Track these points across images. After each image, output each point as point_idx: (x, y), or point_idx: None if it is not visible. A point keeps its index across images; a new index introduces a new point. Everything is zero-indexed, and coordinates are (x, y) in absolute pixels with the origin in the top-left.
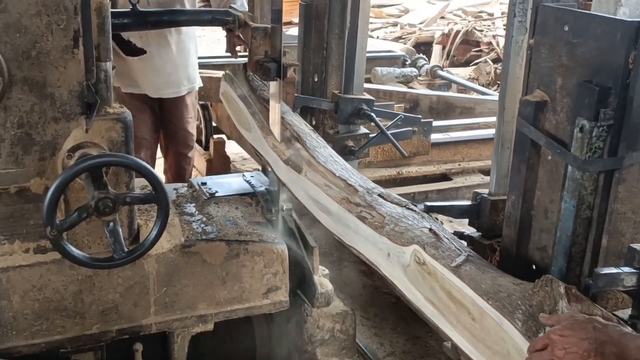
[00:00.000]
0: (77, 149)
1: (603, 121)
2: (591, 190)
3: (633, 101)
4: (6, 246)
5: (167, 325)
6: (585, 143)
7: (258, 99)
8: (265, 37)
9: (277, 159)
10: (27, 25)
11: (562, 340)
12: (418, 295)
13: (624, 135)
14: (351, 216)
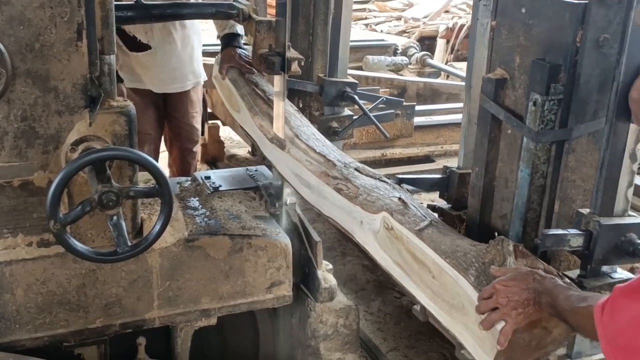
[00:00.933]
0: (80, 142)
1: (554, 95)
2: (544, 160)
3: (580, 77)
4: (9, 239)
5: (171, 319)
6: (538, 116)
7: (247, 82)
8: (269, 31)
9: (263, 137)
10: (31, 17)
11: (505, 290)
12: (387, 258)
13: (573, 109)
14: (328, 188)
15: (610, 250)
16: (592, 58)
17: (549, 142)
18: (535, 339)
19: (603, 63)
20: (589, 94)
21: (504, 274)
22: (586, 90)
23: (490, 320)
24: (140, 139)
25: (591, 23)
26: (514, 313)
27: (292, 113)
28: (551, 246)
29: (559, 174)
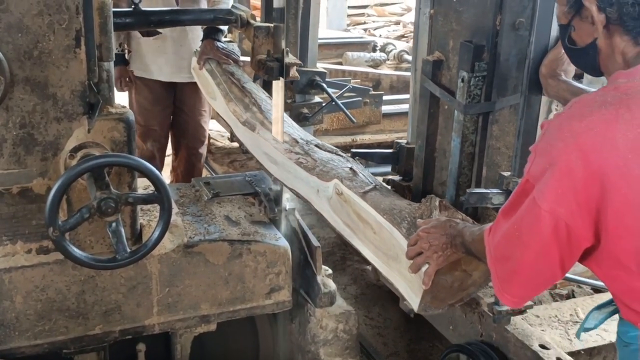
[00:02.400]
0: (79, 149)
1: (478, 72)
2: (472, 130)
3: (500, 56)
4: (9, 247)
5: (170, 325)
6: (466, 91)
7: (223, 72)
8: (267, 36)
9: (236, 121)
10: (29, 25)
11: (427, 236)
12: (338, 220)
13: (495, 84)
14: (291, 163)
15: None
16: (510, 39)
17: (475, 114)
18: (457, 281)
19: (519, 43)
20: (508, 71)
21: (426, 224)
22: (506, 67)
23: (416, 263)
24: (144, 132)
25: (508, 9)
26: (435, 256)
27: (263, 99)
28: (475, 203)
29: (485, 142)
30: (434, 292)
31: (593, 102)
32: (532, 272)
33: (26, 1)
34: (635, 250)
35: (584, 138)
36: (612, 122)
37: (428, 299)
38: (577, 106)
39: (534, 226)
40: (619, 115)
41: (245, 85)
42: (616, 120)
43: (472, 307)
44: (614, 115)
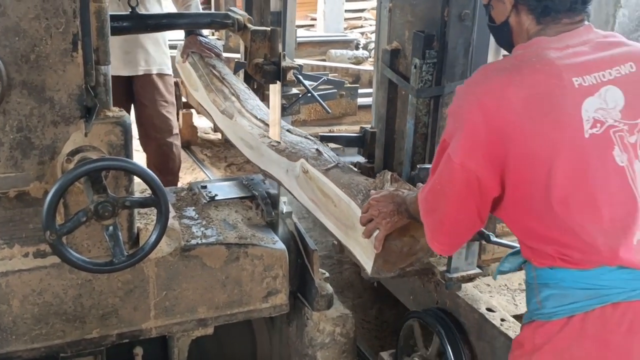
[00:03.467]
0: (76, 152)
1: (429, 59)
2: (425, 112)
3: (448, 44)
4: (6, 250)
5: (167, 329)
6: (418, 76)
7: (206, 65)
8: (264, 40)
9: (216, 109)
10: (26, 28)
11: (377, 204)
12: (304, 196)
13: (444, 70)
14: (264, 146)
15: None
16: (457, 29)
17: (427, 97)
18: (406, 246)
19: (465, 33)
20: (455, 58)
21: (378, 194)
22: (453, 55)
23: (368, 229)
24: None
25: (454, 1)
26: (384, 222)
27: (242, 90)
28: (424, 177)
29: (437, 123)
30: (385, 256)
31: (494, 68)
32: (454, 222)
33: (23, 5)
34: (529, 196)
35: (485, 100)
36: (507, 85)
37: (380, 263)
38: (480, 72)
39: (450, 179)
40: (513, 79)
41: (225, 77)
42: (510, 83)
43: (429, 277)
44: (509, 79)
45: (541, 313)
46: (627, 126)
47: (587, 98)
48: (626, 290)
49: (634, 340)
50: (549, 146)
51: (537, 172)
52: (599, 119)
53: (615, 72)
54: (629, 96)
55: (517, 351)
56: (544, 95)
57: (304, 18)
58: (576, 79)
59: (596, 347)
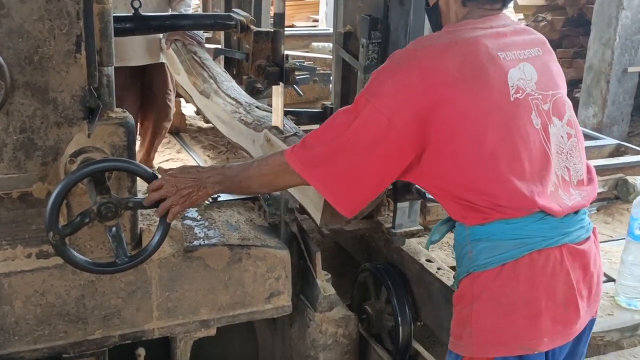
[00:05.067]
0: (79, 153)
1: (374, 40)
2: None
3: (391, 26)
4: (8, 251)
5: (170, 330)
6: (365, 55)
7: (187, 51)
8: (267, 42)
9: (195, 90)
10: (30, 30)
11: (174, 180)
12: None
13: (388, 49)
14: (235, 121)
15: None
16: (397, 12)
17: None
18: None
19: (405, 16)
20: (397, 38)
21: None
22: (395, 35)
23: (163, 207)
24: None
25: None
26: (181, 200)
27: (219, 73)
28: None
29: None
30: (332, 209)
31: (430, 38)
32: (358, 178)
33: (27, 6)
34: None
35: (423, 60)
36: (444, 50)
37: (328, 215)
38: (418, 41)
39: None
40: (449, 46)
41: (205, 62)
42: (447, 49)
43: (379, 235)
44: (445, 46)
45: (476, 265)
46: (541, 96)
47: (510, 69)
48: (546, 239)
49: (557, 281)
50: (480, 105)
51: (469, 128)
52: (521, 87)
53: (527, 53)
54: (540, 72)
55: (458, 305)
56: (475, 62)
57: (306, 20)
58: (500, 53)
59: (528, 289)
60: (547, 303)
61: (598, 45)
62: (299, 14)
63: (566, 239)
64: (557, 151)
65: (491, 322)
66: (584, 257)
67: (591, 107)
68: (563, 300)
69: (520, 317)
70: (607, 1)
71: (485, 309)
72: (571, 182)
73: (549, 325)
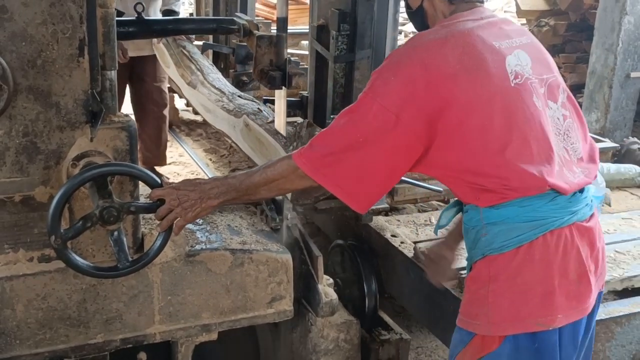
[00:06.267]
0: (81, 157)
1: (343, 32)
2: (342, 75)
3: (358, 19)
4: (10, 255)
5: (171, 334)
6: (335, 46)
7: (177, 45)
8: (270, 46)
9: (183, 82)
10: (33, 34)
11: (176, 193)
12: (246, 145)
13: (356, 41)
14: (218, 109)
15: None
16: (364, 7)
17: (342, 62)
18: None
19: (371, 10)
20: (364, 31)
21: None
22: (362, 28)
23: (169, 219)
24: None
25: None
26: (184, 212)
27: (206, 66)
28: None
29: (352, 84)
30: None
31: (427, 34)
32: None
33: (30, 10)
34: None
35: (424, 56)
36: (442, 44)
37: (298, 192)
38: (416, 37)
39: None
40: (447, 40)
41: (193, 56)
42: (446, 42)
43: (350, 213)
44: (443, 40)
45: (492, 248)
46: (537, 80)
47: (507, 56)
48: (557, 218)
49: (569, 259)
50: (483, 94)
51: (474, 118)
52: (519, 72)
53: (518, 41)
54: (533, 58)
55: (473, 286)
56: (474, 53)
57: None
58: (495, 42)
59: (542, 269)
60: (561, 281)
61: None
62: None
63: (574, 218)
64: (555, 133)
65: (508, 302)
66: (591, 234)
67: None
68: (575, 277)
69: (535, 295)
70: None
71: (502, 289)
72: (572, 160)
73: (563, 302)
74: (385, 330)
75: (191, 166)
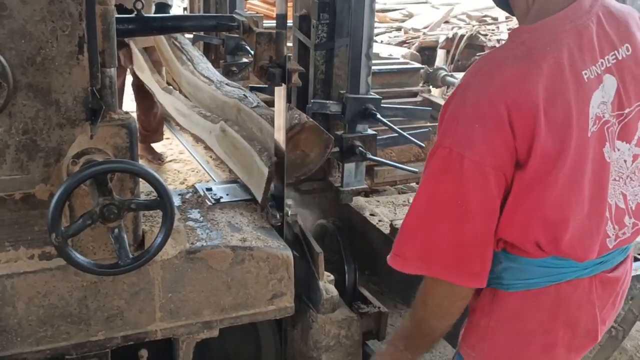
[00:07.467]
0: (81, 155)
1: (323, 20)
2: (322, 62)
3: (336, 9)
4: (11, 252)
5: (172, 331)
6: (315, 34)
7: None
8: (269, 43)
9: (158, 87)
10: (32, 31)
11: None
12: (221, 150)
13: (335, 29)
14: (194, 114)
15: (357, 114)
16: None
17: (323, 50)
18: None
19: (348, 0)
20: (342, 20)
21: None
22: (341, 17)
23: None
24: None
25: None
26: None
27: (196, 56)
28: (317, 110)
29: (332, 70)
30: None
31: (505, 57)
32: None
33: (29, 8)
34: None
35: (507, 91)
36: (526, 75)
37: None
38: (491, 63)
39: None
40: (531, 70)
41: (184, 47)
42: (529, 73)
43: (334, 195)
44: (527, 70)
45: (500, 283)
46: (614, 120)
47: (594, 92)
48: (578, 270)
49: (581, 313)
50: (558, 144)
51: (543, 169)
52: (599, 114)
53: (612, 58)
54: (621, 84)
55: (474, 315)
56: (558, 90)
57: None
58: (585, 71)
59: (548, 319)
60: (566, 334)
61: None
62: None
63: (600, 268)
64: (616, 178)
65: (505, 345)
66: (615, 283)
67: None
68: (584, 332)
69: (535, 345)
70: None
71: (501, 329)
72: (628, 208)
73: (562, 354)
74: (364, 304)
75: (191, 163)
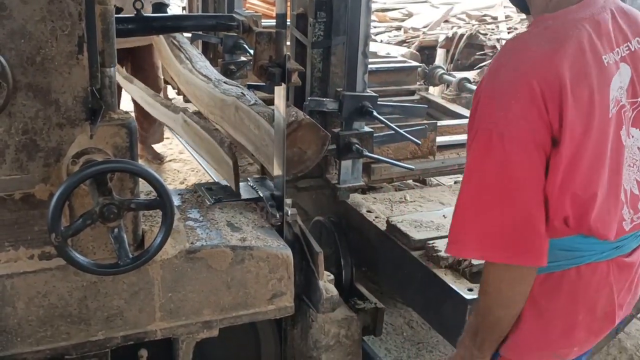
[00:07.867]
0: (81, 155)
1: (320, 19)
2: (319, 60)
3: (333, 7)
4: (11, 252)
5: (172, 331)
6: (312, 32)
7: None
8: (269, 42)
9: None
10: (32, 31)
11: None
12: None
13: (332, 28)
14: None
15: (353, 111)
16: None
17: (320, 48)
18: (296, 155)
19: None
20: (339, 18)
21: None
22: (338, 16)
23: None
24: None
25: None
26: None
27: (195, 54)
28: (314, 107)
29: (329, 68)
30: None
31: (532, 40)
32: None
33: (29, 7)
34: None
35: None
36: (552, 55)
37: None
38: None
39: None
40: (557, 50)
41: (182, 45)
42: (555, 53)
43: (331, 192)
44: (553, 50)
45: None
46: (629, 106)
47: (613, 77)
48: (596, 253)
49: (599, 297)
50: (585, 122)
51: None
52: (618, 98)
53: (625, 49)
54: (635, 74)
55: None
56: (582, 70)
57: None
58: (604, 57)
59: (569, 302)
60: (585, 317)
61: None
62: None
63: (617, 253)
64: (629, 164)
65: (528, 328)
66: (631, 268)
67: None
68: (602, 315)
69: (556, 327)
70: None
71: (523, 314)
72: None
73: (582, 336)
74: (361, 300)
75: (191, 163)
